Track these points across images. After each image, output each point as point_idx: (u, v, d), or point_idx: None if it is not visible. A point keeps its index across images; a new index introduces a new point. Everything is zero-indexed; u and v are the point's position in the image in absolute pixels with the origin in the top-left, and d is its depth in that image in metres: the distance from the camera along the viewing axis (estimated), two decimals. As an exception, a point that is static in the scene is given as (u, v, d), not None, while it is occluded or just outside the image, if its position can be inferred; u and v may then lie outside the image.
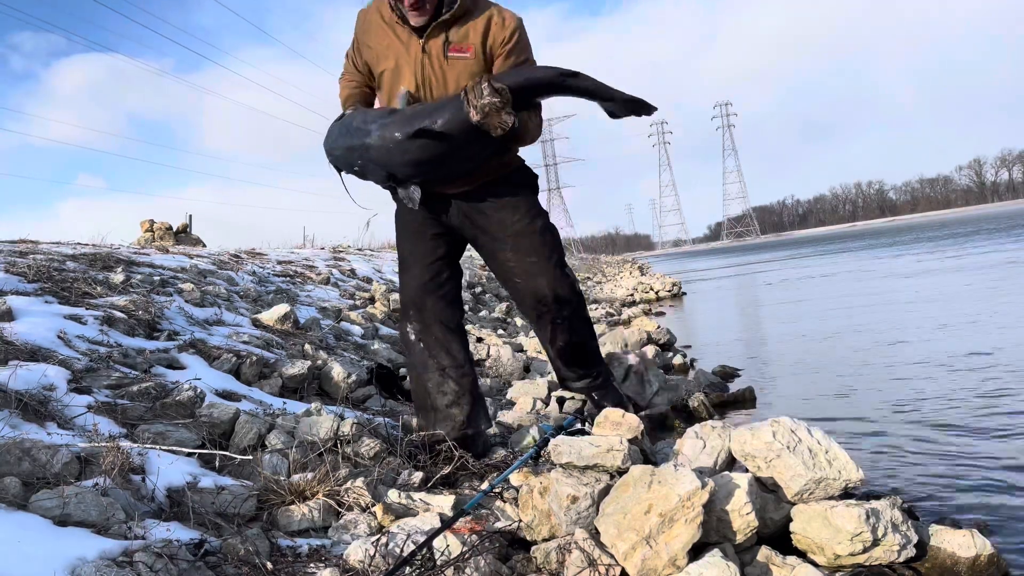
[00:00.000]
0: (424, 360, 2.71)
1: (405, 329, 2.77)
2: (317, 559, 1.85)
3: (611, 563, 1.72)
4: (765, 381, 4.59)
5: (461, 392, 2.67)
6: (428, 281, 2.74)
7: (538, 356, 5.48)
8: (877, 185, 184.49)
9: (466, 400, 2.67)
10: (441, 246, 2.78)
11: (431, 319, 2.72)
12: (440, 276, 2.75)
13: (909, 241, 27.02)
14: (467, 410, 2.66)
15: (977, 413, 3.25)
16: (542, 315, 2.78)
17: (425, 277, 2.74)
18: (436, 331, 2.71)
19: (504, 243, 2.72)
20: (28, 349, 2.99)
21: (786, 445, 1.95)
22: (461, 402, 2.66)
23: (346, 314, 5.85)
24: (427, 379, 2.70)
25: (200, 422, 2.64)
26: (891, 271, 13.28)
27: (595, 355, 2.98)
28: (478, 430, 2.68)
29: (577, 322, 2.84)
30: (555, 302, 2.74)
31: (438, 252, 2.77)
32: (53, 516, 1.75)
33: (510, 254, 2.73)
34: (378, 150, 2.47)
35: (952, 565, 1.76)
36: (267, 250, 9.90)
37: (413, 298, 2.74)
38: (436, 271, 2.75)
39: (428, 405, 2.70)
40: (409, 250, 2.80)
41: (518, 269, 2.74)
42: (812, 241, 59.79)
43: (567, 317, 2.79)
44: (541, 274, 2.71)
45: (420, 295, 2.73)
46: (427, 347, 2.70)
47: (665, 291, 14.62)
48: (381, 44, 2.62)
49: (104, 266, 5.16)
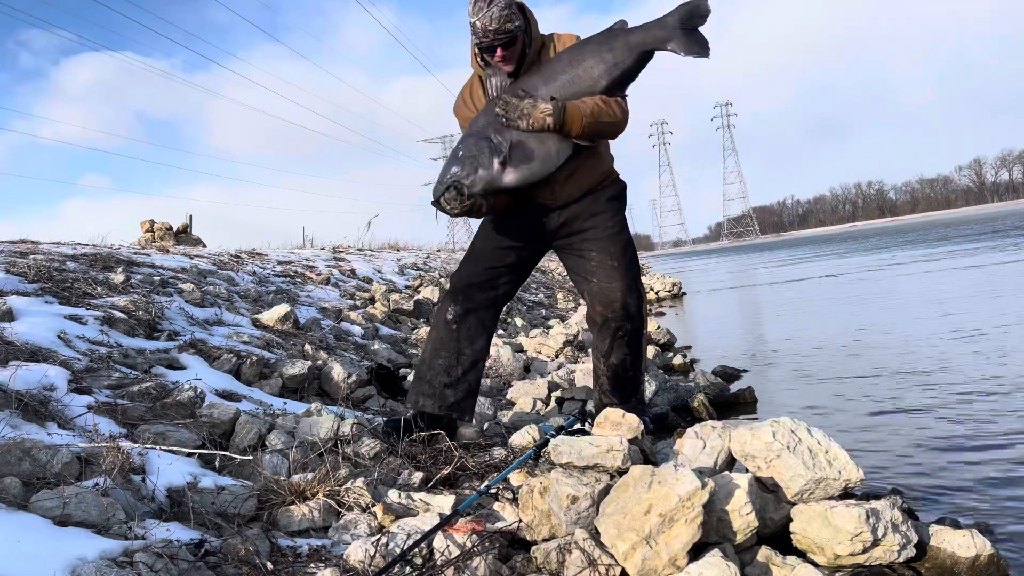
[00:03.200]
0: (448, 340, 2.86)
1: (445, 308, 2.91)
2: (317, 559, 1.85)
3: (611, 563, 1.72)
4: (765, 381, 4.59)
5: (463, 380, 2.85)
6: (484, 281, 2.91)
7: (538, 356, 5.48)
8: (877, 185, 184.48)
9: (464, 389, 2.85)
10: (511, 256, 2.95)
11: (473, 311, 2.88)
12: (496, 280, 2.92)
13: (914, 241, 27.01)
14: (461, 396, 2.84)
15: (978, 413, 3.25)
16: (607, 321, 2.89)
17: (482, 277, 2.91)
18: (472, 321, 2.88)
19: (592, 243, 2.91)
20: (28, 349, 2.99)
21: (786, 445, 1.95)
22: (458, 388, 2.84)
23: (346, 314, 5.85)
24: (442, 356, 2.85)
25: (200, 422, 2.64)
26: (891, 272, 13.28)
27: (640, 385, 3.04)
28: (462, 419, 2.87)
29: (634, 342, 2.95)
30: (623, 310, 2.87)
31: (506, 260, 2.94)
32: (53, 516, 1.75)
33: (595, 254, 2.90)
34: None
35: (952, 565, 1.76)
36: (267, 250, 9.90)
37: (463, 288, 2.91)
38: (494, 275, 2.92)
39: (427, 377, 2.86)
40: (481, 247, 2.98)
41: (599, 269, 2.89)
42: (812, 241, 59.80)
43: (629, 332, 2.91)
44: (618, 279, 2.87)
45: (470, 289, 2.90)
46: (458, 330, 2.86)
47: (665, 291, 14.62)
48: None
49: (104, 266, 5.16)
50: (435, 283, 8.63)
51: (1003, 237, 20.05)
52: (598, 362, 2.99)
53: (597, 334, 2.96)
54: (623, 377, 2.94)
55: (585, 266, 2.93)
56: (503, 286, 2.94)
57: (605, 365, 2.95)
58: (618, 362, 2.92)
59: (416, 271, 10.28)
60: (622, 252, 2.91)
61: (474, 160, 2.66)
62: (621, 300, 2.86)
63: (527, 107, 2.63)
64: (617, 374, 2.94)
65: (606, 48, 2.74)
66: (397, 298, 6.86)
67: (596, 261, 2.90)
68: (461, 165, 2.67)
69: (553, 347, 5.67)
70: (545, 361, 5.21)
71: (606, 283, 2.87)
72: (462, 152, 2.70)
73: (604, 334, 2.92)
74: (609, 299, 2.87)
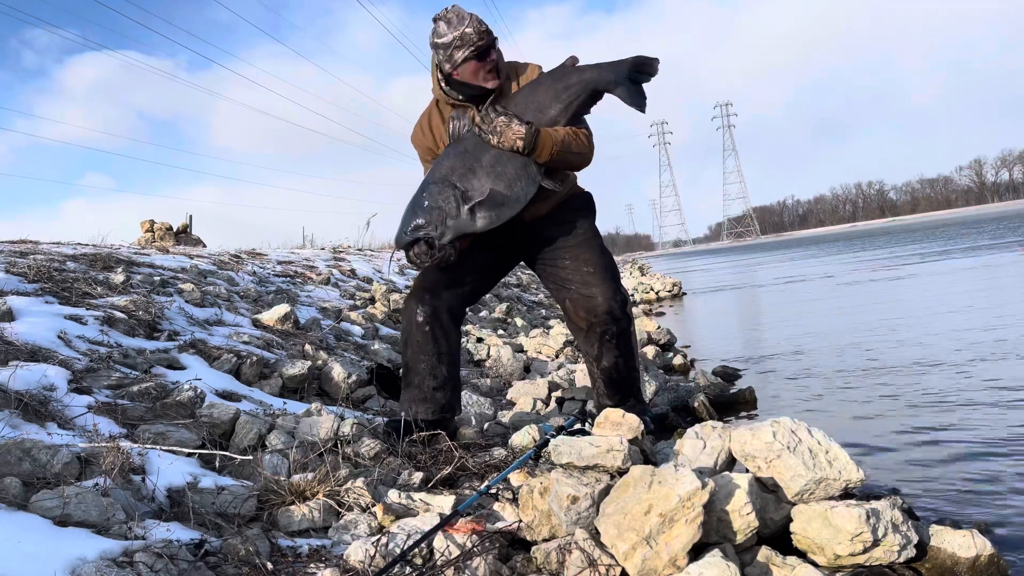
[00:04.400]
0: (425, 343, 2.84)
1: (414, 310, 2.86)
2: (317, 559, 1.85)
3: (611, 563, 1.72)
4: (766, 382, 4.59)
5: (449, 378, 2.87)
6: (449, 279, 2.88)
7: (538, 356, 5.48)
8: (877, 185, 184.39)
9: (451, 386, 2.88)
10: (479, 257, 2.93)
11: (442, 308, 2.85)
12: (463, 278, 2.91)
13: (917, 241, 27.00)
14: (449, 395, 2.88)
15: (978, 413, 3.25)
16: (592, 327, 2.86)
17: (446, 275, 2.88)
18: (444, 319, 2.86)
19: (564, 251, 2.92)
20: (28, 349, 2.99)
21: (786, 445, 1.95)
22: (447, 387, 2.86)
23: (346, 314, 5.85)
24: (422, 359, 2.85)
25: (200, 422, 2.64)
26: (891, 272, 13.28)
27: (636, 383, 3.01)
28: (453, 414, 2.91)
29: (624, 343, 2.91)
30: (607, 314, 2.84)
31: (478, 260, 2.93)
32: (53, 516, 1.75)
33: (568, 262, 2.91)
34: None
35: (952, 565, 1.76)
36: (267, 250, 9.91)
37: (430, 286, 2.87)
38: (460, 274, 2.90)
39: (415, 383, 2.86)
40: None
41: (575, 276, 2.89)
42: (813, 242, 59.78)
43: (616, 335, 2.87)
44: (596, 284, 2.86)
45: (438, 285, 2.87)
46: (432, 331, 2.84)
47: (665, 291, 14.62)
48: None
49: (104, 266, 5.16)
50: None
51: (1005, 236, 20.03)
52: (591, 366, 2.97)
53: (584, 340, 2.93)
54: (618, 379, 2.92)
55: (560, 274, 2.93)
56: (470, 283, 2.93)
57: (598, 369, 2.93)
58: (610, 365, 2.90)
59: (416, 271, 10.27)
60: (598, 257, 2.91)
61: (441, 211, 2.68)
62: (605, 305, 2.84)
63: (501, 124, 2.63)
64: (611, 377, 2.91)
65: (561, 85, 2.77)
66: (397, 298, 6.86)
67: (571, 268, 2.90)
68: (428, 216, 2.69)
69: (553, 347, 5.67)
70: (545, 361, 5.21)
71: (584, 289, 2.86)
72: (427, 202, 2.70)
73: (591, 339, 2.89)
74: (591, 304, 2.85)
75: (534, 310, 9.64)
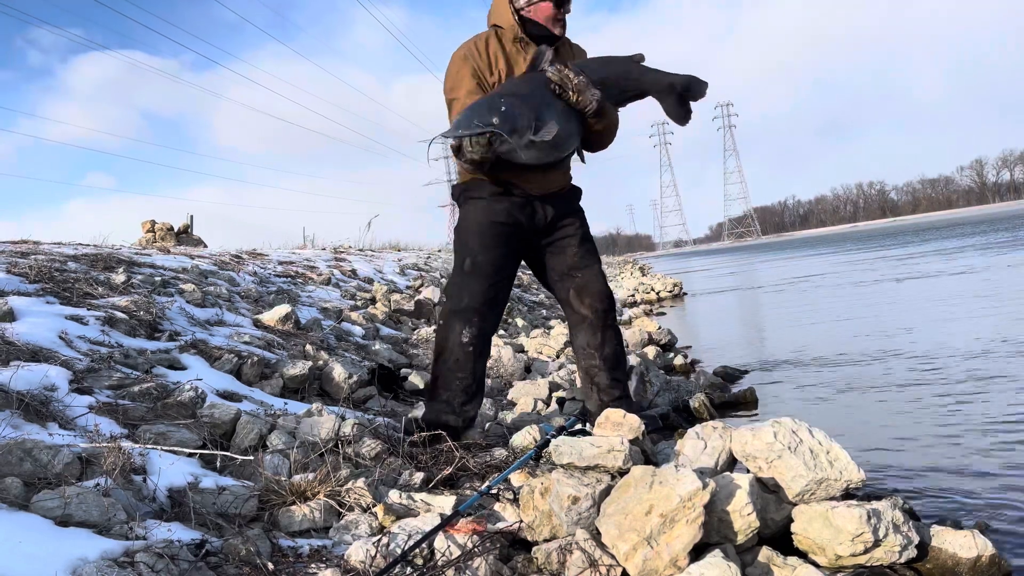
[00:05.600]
0: (465, 362, 2.86)
1: (460, 331, 2.84)
2: (318, 559, 1.85)
3: (612, 563, 1.72)
4: (766, 382, 4.59)
5: (477, 393, 2.93)
6: (493, 298, 2.90)
7: (539, 356, 5.48)
8: (878, 185, 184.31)
9: (477, 400, 2.94)
10: (510, 266, 2.97)
11: (489, 330, 2.91)
12: (501, 293, 2.93)
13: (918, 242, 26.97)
14: (476, 408, 2.95)
15: (978, 414, 3.25)
16: (596, 313, 2.95)
17: (491, 294, 2.88)
18: (487, 342, 2.92)
19: (571, 239, 2.99)
20: (29, 350, 2.99)
21: (787, 446, 1.95)
22: (475, 401, 2.92)
23: (347, 315, 5.85)
24: (459, 376, 2.86)
25: (201, 422, 2.64)
26: (892, 272, 13.27)
27: (625, 365, 3.15)
28: (473, 425, 2.98)
29: (617, 329, 3.06)
30: (609, 299, 2.99)
31: (505, 272, 2.93)
32: (54, 516, 1.75)
33: (575, 249, 2.99)
34: None
35: (953, 566, 1.76)
36: (268, 250, 9.90)
37: (478, 307, 2.85)
38: (499, 289, 2.92)
39: (445, 398, 2.88)
40: (483, 260, 2.87)
41: (580, 263, 2.98)
42: (813, 242, 59.73)
43: (613, 322, 3.01)
44: (599, 273, 3.01)
45: (485, 307, 2.87)
46: (475, 351, 2.87)
47: (666, 291, 14.62)
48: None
49: (105, 266, 5.17)
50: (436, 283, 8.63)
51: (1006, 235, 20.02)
52: (591, 360, 2.98)
53: (588, 330, 2.96)
54: (617, 364, 3.01)
55: (567, 262, 2.98)
56: (504, 299, 2.98)
57: (601, 359, 2.96)
58: (611, 351, 2.98)
59: (417, 271, 10.28)
60: (595, 251, 3.08)
61: (514, 122, 2.59)
62: (607, 290, 2.99)
63: (581, 84, 2.67)
64: (613, 365, 2.98)
65: (635, 69, 2.94)
66: (398, 298, 6.86)
67: (578, 255, 2.98)
68: (503, 119, 2.59)
69: (554, 347, 5.67)
70: (546, 361, 5.21)
71: (591, 276, 2.97)
72: (506, 109, 2.61)
73: (595, 328, 2.95)
74: (597, 289, 2.96)
75: (535, 310, 9.64)
